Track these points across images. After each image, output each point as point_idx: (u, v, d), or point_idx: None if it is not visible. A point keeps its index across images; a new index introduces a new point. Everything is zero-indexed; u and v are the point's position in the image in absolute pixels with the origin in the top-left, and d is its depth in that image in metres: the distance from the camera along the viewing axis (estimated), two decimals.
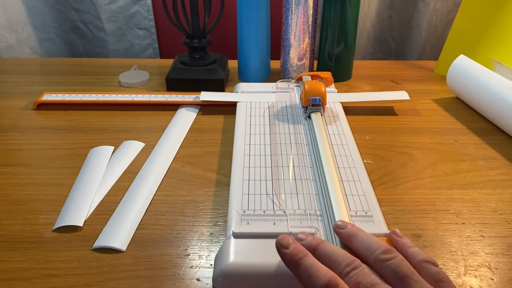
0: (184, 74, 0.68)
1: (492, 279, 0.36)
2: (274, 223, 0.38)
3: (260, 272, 0.33)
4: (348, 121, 0.55)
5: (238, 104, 0.59)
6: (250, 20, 0.66)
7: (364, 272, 0.29)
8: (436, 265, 0.30)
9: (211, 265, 0.37)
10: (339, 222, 0.34)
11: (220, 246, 0.38)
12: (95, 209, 0.43)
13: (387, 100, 0.63)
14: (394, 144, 0.54)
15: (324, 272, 0.28)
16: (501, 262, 0.37)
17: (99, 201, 0.44)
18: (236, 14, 0.67)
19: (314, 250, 0.31)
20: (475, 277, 0.36)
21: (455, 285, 0.28)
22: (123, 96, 0.64)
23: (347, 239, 0.33)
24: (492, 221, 0.42)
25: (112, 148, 0.52)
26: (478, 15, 0.70)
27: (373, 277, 0.28)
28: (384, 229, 0.37)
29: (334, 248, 0.31)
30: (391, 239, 0.33)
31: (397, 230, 0.34)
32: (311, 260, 0.30)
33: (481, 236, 0.40)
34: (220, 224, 0.41)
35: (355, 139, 0.51)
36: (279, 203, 0.40)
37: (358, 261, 0.30)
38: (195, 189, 0.46)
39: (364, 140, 0.55)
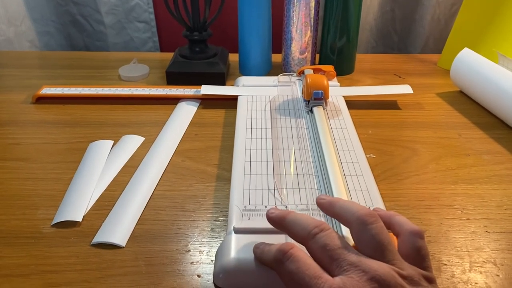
0: (185, 67, 0.67)
1: (498, 275, 0.35)
2: None
3: (261, 268, 0.32)
4: (351, 115, 0.54)
5: (239, 98, 0.59)
6: (251, 12, 0.65)
7: (332, 235, 0.28)
8: (422, 237, 0.29)
9: (212, 261, 0.36)
10: (321, 196, 0.33)
11: (221, 241, 0.37)
12: (94, 204, 0.43)
13: (390, 94, 0.63)
14: (397, 139, 0.54)
15: (275, 244, 0.30)
16: (506, 258, 0.37)
17: (98, 196, 0.44)
18: (237, 6, 0.66)
19: (284, 218, 0.31)
20: (481, 273, 0.35)
21: (460, 279, 0.28)
22: (122, 90, 0.63)
23: (328, 208, 0.32)
24: (497, 217, 0.41)
25: (112, 142, 0.52)
26: (482, 8, 0.69)
27: (341, 241, 0.28)
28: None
29: (303, 215, 0.31)
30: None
31: (378, 207, 0.35)
32: (264, 245, 0.32)
33: (486, 231, 0.40)
34: (221, 220, 0.41)
35: (357, 133, 0.50)
36: (281, 198, 0.40)
37: (326, 225, 0.29)
38: (195, 183, 0.46)
39: (367, 134, 0.54)
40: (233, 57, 0.74)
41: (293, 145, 0.48)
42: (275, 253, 0.29)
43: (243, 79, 0.65)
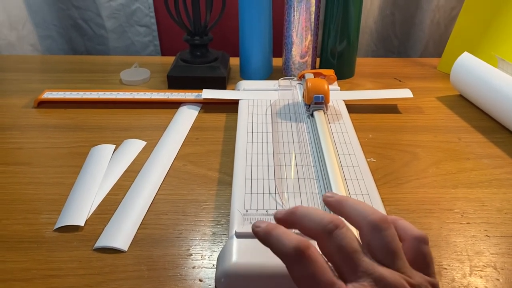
0: (186, 71, 0.67)
1: (498, 280, 0.35)
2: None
3: (263, 272, 0.33)
4: (351, 119, 0.55)
5: (240, 102, 0.59)
6: (252, 17, 0.66)
7: (348, 235, 0.27)
8: (427, 243, 0.29)
9: (213, 265, 0.36)
10: (328, 193, 0.32)
11: (222, 246, 0.37)
12: (96, 208, 0.43)
13: (390, 98, 0.63)
14: (397, 143, 0.54)
15: (293, 236, 0.28)
16: (507, 262, 0.37)
17: (100, 201, 0.44)
18: (238, 11, 0.67)
19: (293, 213, 0.30)
20: (481, 277, 0.35)
21: (460, 283, 0.28)
22: (124, 94, 0.63)
23: (336, 206, 0.31)
24: (498, 221, 0.41)
25: (113, 146, 0.52)
26: (482, 12, 0.70)
27: (357, 243, 0.27)
28: None
29: (314, 208, 0.30)
30: None
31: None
32: (281, 229, 0.29)
33: (487, 235, 0.40)
34: (222, 224, 0.41)
35: (358, 137, 0.51)
36: (282, 203, 0.40)
37: (341, 220, 0.28)
38: (197, 188, 0.46)
39: (367, 138, 0.55)
40: (234, 61, 0.74)
41: (294, 149, 0.48)
42: (291, 251, 0.27)
43: (244, 83, 0.65)
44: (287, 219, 0.30)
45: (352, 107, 0.60)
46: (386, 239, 0.28)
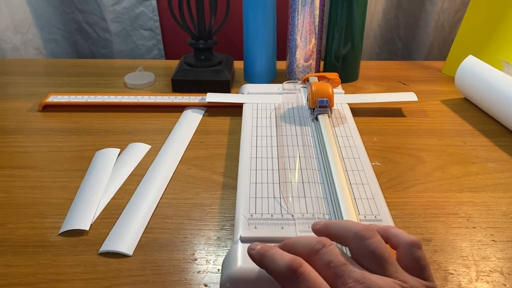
0: (190, 75, 0.67)
1: (505, 285, 0.35)
2: (282, 227, 0.38)
3: (268, 277, 0.32)
4: (356, 123, 0.54)
5: (244, 106, 0.59)
6: (256, 20, 0.66)
7: (336, 252, 0.28)
8: (420, 247, 0.29)
9: (218, 270, 0.36)
10: (314, 222, 0.33)
11: (227, 250, 0.37)
12: (101, 212, 0.43)
13: (394, 101, 0.63)
14: (402, 146, 0.54)
15: (286, 255, 0.28)
16: None
17: (105, 205, 0.44)
18: (242, 14, 0.67)
19: (284, 245, 0.31)
20: (487, 282, 0.35)
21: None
22: (128, 98, 0.63)
23: (324, 231, 0.32)
24: (504, 225, 0.41)
25: (118, 150, 0.52)
26: (487, 14, 0.69)
27: (344, 256, 0.28)
28: None
29: (304, 236, 0.31)
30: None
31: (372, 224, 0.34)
32: (275, 250, 0.30)
33: (493, 240, 0.39)
34: (227, 228, 0.41)
35: (363, 141, 0.51)
36: (287, 207, 0.40)
37: (328, 240, 0.29)
38: (201, 192, 0.46)
39: (372, 142, 0.54)
40: (238, 65, 0.74)
41: (299, 153, 0.48)
42: (284, 270, 0.28)
43: (248, 87, 0.65)
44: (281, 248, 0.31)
45: (357, 111, 0.59)
46: (372, 245, 0.28)
